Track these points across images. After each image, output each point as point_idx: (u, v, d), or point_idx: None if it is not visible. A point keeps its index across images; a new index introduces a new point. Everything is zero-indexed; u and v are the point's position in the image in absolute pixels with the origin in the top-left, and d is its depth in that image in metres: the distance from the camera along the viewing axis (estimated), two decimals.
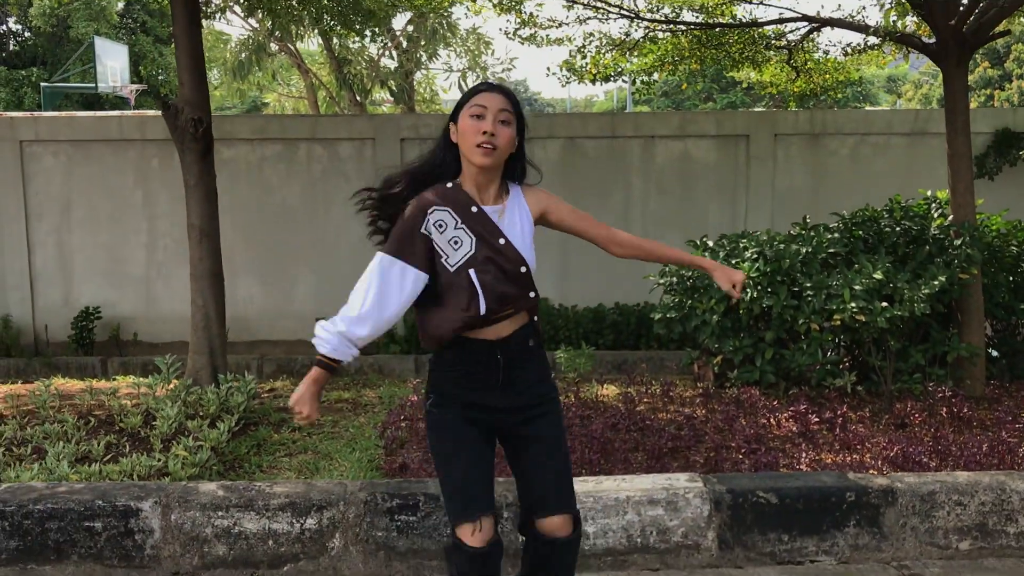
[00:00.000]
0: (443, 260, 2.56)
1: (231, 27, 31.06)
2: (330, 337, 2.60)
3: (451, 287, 2.56)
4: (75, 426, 5.12)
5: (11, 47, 29.86)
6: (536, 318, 2.75)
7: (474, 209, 2.59)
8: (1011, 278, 6.26)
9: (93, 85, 22.94)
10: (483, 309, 2.54)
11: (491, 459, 2.75)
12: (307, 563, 3.78)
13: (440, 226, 2.57)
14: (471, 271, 2.55)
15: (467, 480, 2.63)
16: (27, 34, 29.71)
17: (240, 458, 4.84)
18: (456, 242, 2.56)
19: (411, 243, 2.57)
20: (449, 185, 2.64)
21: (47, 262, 8.94)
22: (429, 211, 2.57)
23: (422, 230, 2.57)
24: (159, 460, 4.45)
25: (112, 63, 22.87)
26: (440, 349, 2.67)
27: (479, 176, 2.62)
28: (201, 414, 5.35)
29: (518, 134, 2.65)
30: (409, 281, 2.58)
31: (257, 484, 3.94)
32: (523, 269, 2.60)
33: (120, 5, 26.73)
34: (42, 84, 24.57)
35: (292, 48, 13.95)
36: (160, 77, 27.90)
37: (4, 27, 29.25)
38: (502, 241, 2.58)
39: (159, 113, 11.42)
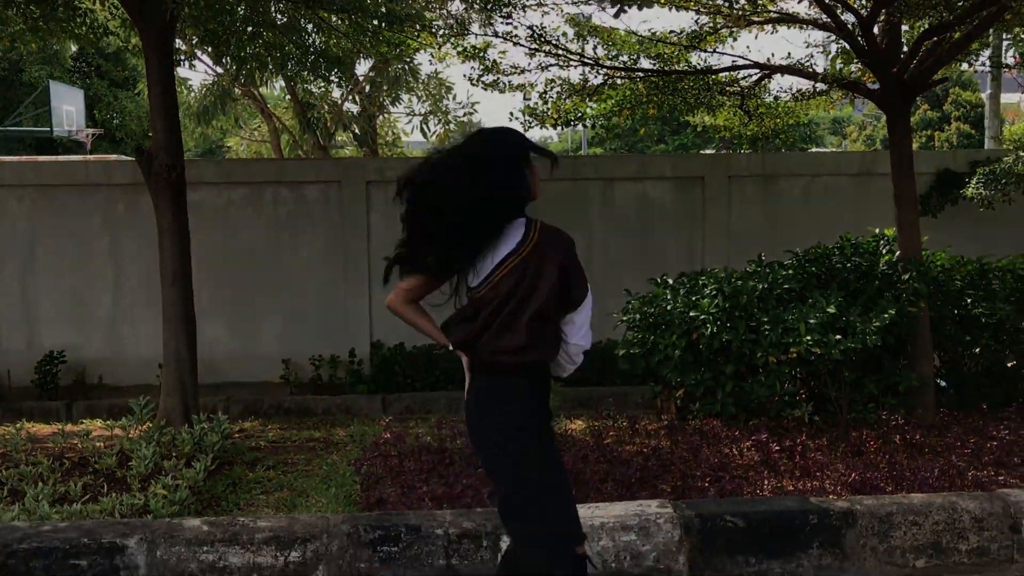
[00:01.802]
0: None
1: (194, 72, 31.20)
2: None
3: None
4: (50, 468, 5.14)
5: None
6: None
7: None
8: (955, 311, 6.57)
9: (48, 129, 22.81)
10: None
11: None
12: None
13: None
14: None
15: (569, 504, 2.92)
16: None
17: (218, 496, 4.91)
18: None
19: None
20: None
21: (11, 306, 8.91)
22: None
23: None
24: (139, 499, 4.51)
25: (67, 107, 22.79)
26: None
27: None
28: (176, 454, 5.40)
29: None
30: None
31: (241, 519, 4.03)
32: None
33: (74, 49, 26.64)
34: None
35: (256, 93, 14.10)
36: (115, 121, 27.79)
37: None
38: None
39: (123, 158, 11.48)
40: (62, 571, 3.79)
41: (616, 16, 5.10)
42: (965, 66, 8.79)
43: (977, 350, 6.48)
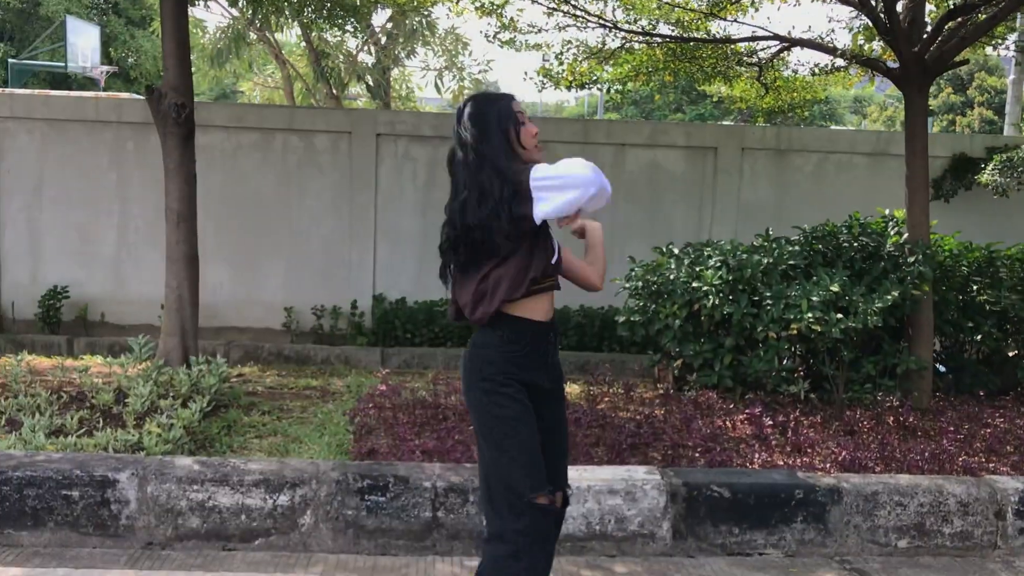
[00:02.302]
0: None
1: (209, 14, 30.90)
2: None
3: (544, 259, 2.85)
4: (48, 400, 5.19)
5: None
6: None
7: None
8: (960, 297, 6.55)
9: (62, 64, 22.71)
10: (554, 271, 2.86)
11: None
12: (278, 538, 3.91)
13: None
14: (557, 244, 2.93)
15: (540, 457, 2.77)
16: None
17: (211, 438, 4.94)
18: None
19: None
20: None
21: (17, 240, 8.92)
22: None
23: None
24: (133, 436, 4.55)
25: (83, 43, 22.67)
26: (499, 328, 2.80)
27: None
28: (173, 394, 5.43)
29: None
30: None
31: (232, 460, 4.06)
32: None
33: None
34: (9, 60, 24.26)
35: (271, 38, 13.98)
36: (130, 60, 27.65)
37: None
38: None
39: (135, 96, 11.43)
40: (54, 500, 3.84)
41: None
42: (990, 50, 8.67)
43: (979, 337, 6.47)
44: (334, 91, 14.37)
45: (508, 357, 2.79)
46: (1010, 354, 6.65)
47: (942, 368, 6.62)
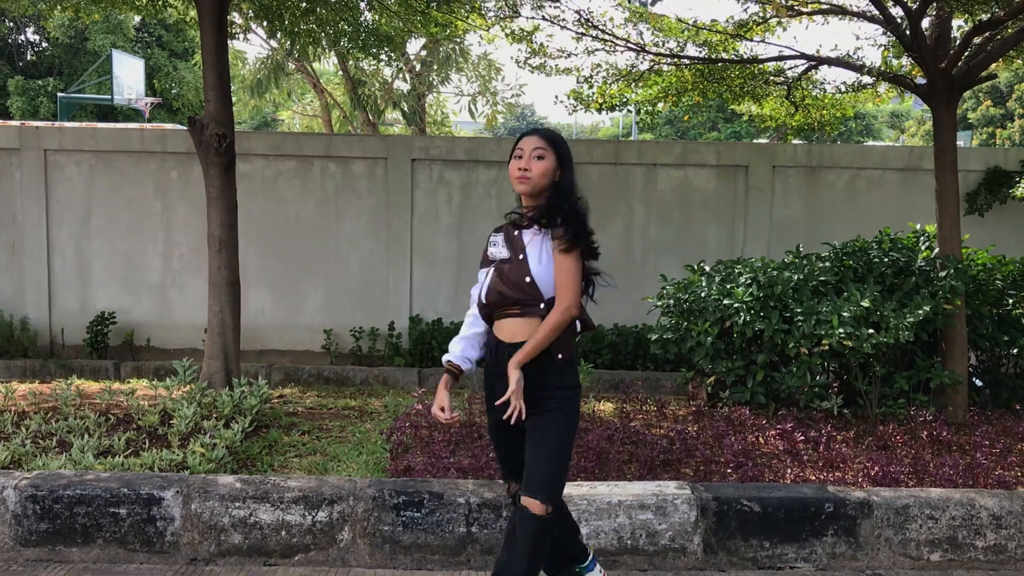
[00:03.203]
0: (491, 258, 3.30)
1: (249, 46, 31.57)
2: None
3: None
4: (96, 422, 5.38)
5: (28, 57, 30.32)
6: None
7: (515, 233, 3.23)
8: (995, 311, 6.52)
9: (109, 97, 23.38)
10: (483, 298, 3.23)
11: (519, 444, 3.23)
12: (317, 553, 4.03)
13: (493, 243, 3.30)
14: (488, 270, 3.27)
15: (498, 450, 3.44)
16: (44, 45, 30.16)
17: (253, 457, 5.09)
18: (501, 251, 3.24)
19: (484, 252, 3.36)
20: (519, 205, 3.32)
21: (66, 267, 9.22)
22: (500, 230, 3.33)
23: (488, 244, 3.35)
24: (178, 455, 4.70)
25: (128, 76, 23.33)
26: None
27: (528, 202, 3.25)
28: (216, 415, 5.60)
29: (561, 167, 3.22)
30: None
31: (272, 478, 4.19)
32: (527, 279, 3.14)
33: (137, 19, 27.20)
34: (58, 94, 25.01)
35: (308, 68, 14.30)
36: (173, 91, 28.35)
37: (23, 37, 29.69)
38: (521, 256, 3.16)
39: (178, 127, 11.76)
40: (102, 518, 3.99)
41: (653, 3, 5.12)
42: (1021, 63, 8.64)
43: (1015, 351, 6.43)
44: (371, 118, 14.65)
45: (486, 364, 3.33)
46: None
47: (979, 382, 6.59)
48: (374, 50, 8.77)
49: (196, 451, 4.77)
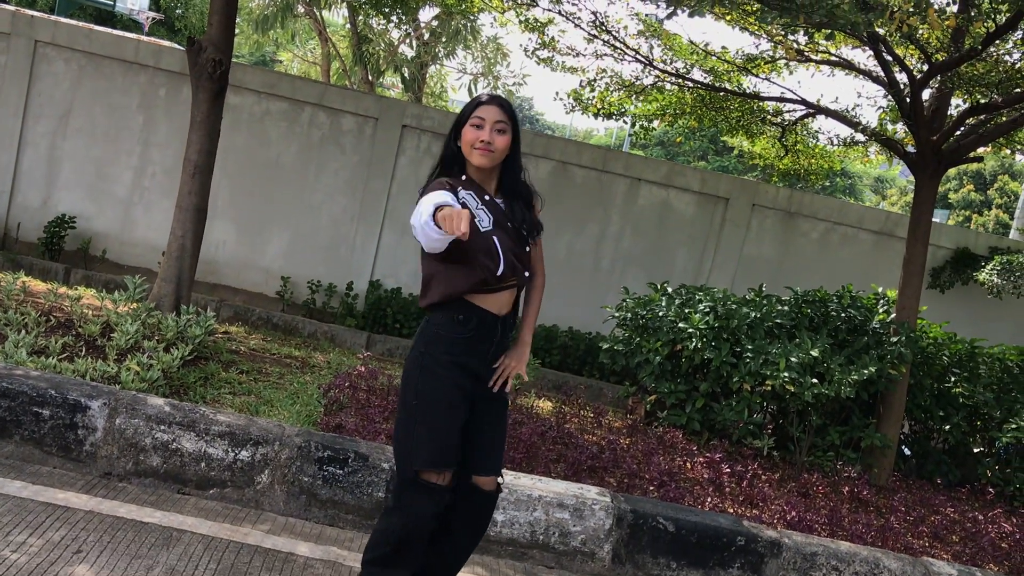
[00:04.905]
0: (476, 221, 2.93)
1: None
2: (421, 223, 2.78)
3: (476, 248, 2.91)
4: (35, 321, 5.30)
5: None
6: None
7: (487, 197, 3.03)
8: (936, 385, 6.66)
9: (111, 2, 22.94)
10: (502, 268, 2.93)
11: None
12: (233, 491, 4.01)
13: (466, 204, 2.97)
14: (495, 237, 2.96)
15: (449, 435, 2.99)
16: None
17: (187, 386, 5.05)
18: (479, 218, 2.96)
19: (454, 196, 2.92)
20: (463, 178, 3.06)
21: (35, 163, 9.05)
22: (458, 189, 2.99)
23: (459, 198, 2.95)
24: (112, 369, 4.65)
25: None
26: (445, 312, 2.99)
27: (479, 175, 3.05)
28: (158, 338, 5.54)
29: (513, 142, 3.06)
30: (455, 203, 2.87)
31: (202, 408, 4.17)
32: (527, 248, 3.08)
33: None
34: None
35: (317, 14, 14.17)
36: (178, 11, 27.87)
37: None
38: (511, 224, 3.03)
39: (176, 46, 11.58)
40: (24, 415, 3.94)
41: (667, 18, 5.16)
42: (1009, 152, 8.82)
43: (948, 427, 6.56)
44: (370, 77, 14.55)
45: (455, 338, 2.98)
46: (975, 450, 6.76)
47: (907, 451, 6.73)
48: (386, 9, 8.71)
49: (131, 368, 4.73)
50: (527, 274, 3.08)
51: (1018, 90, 6.03)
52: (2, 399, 3.94)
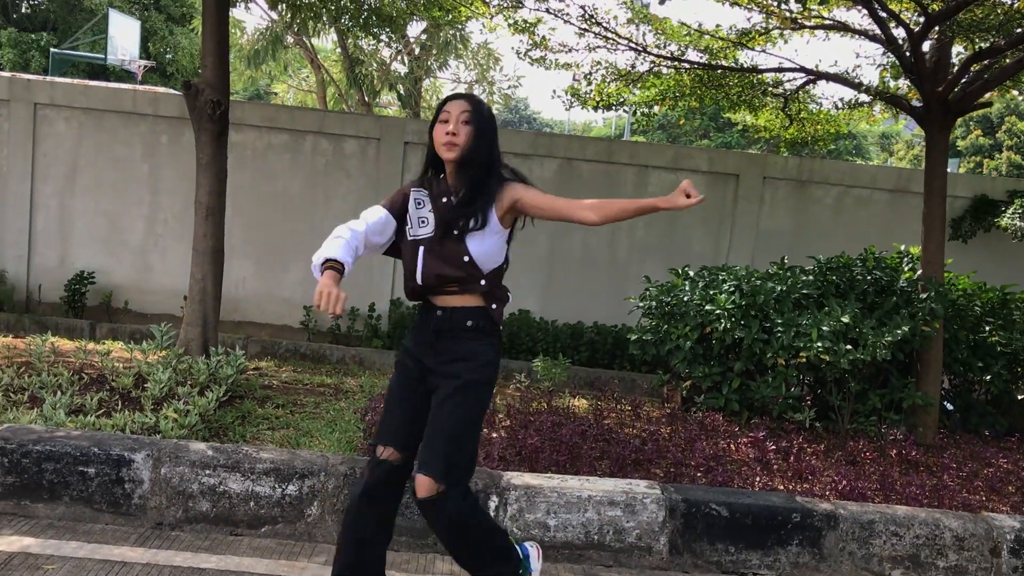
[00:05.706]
0: (407, 228, 3.11)
1: (249, 15, 31.36)
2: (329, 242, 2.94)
3: (406, 254, 3.13)
4: (69, 380, 5.34)
5: (23, 10, 29.93)
6: (494, 306, 3.11)
7: (445, 200, 3.07)
8: (971, 336, 6.59)
9: (102, 56, 23.14)
10: (420, 281, 3.06)
11: (419, 408, 3.12)
12: (284, 526, 4.02)
13: (419, 204, 3.11)
14: (421, 248, 3.06)
15: (390, 414, 3.17)
16: None
17: (226, 427, 5.07)
18: (423, 221, 3.08)
19: (398, 202, 3.14)
20: (441, 176, 3.16)
21: (48, 224, 9.13)
22: (412, 190, 3.16)
23: (410, 200, 3.13)
24: (150, 419, 4.67)
25: (123, 37, 23.09)
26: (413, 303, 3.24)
27: (453, 172, 3.11)
28: (191, 382, 5.57)
29: (478, 135, 3.05)
30: (383, 220, 3.10)
31: (244, 448, 4.18)
32: (466, 258, 3.02)
33: None
34: (52, 49, 24.69)
35: (307, 43, 14.22)
36: (168, 56, 28.08)
37: None
38: (456, 232, 3.02)
39: (172, 91, 11.65)
40: (70, 475, 3.96)
41: (662, 3, 5.13)
42: (1017, 94, 8.72)
43: (988, 378, 6.49)
44: (366, 98, 14.58)
45: (412, 326, 3.24)
46: (1019, 397, 6.69)
47: (949, 406, 6.66)
48: (375, 29, 8.73)
49: (169, 416, 4.75)
50: (483, 282, 3.04)
51: (1020, 30, 5.96)
52: (48, 462, 3.96)
